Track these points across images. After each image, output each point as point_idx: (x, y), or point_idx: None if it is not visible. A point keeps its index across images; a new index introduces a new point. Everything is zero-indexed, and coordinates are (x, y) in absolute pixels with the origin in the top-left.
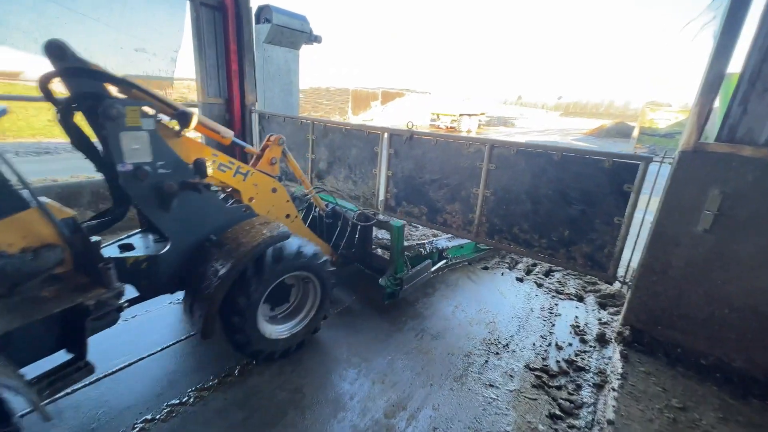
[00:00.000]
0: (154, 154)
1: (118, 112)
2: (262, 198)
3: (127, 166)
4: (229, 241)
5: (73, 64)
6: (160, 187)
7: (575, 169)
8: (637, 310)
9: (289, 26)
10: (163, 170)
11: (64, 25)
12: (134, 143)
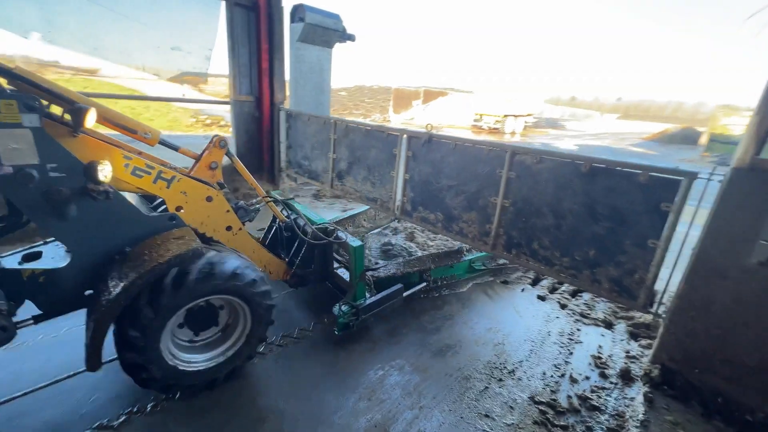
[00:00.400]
0: (41, 156)
1: None
2: (193, 208)
3: (5, 169)
4: (135, 257)
5: None
6: (49, 192)
7: (605, 183)
8: (670, 347)
9: (322, 25)
10: (56, 174)
11: (107, 25)
12: (13, 142)
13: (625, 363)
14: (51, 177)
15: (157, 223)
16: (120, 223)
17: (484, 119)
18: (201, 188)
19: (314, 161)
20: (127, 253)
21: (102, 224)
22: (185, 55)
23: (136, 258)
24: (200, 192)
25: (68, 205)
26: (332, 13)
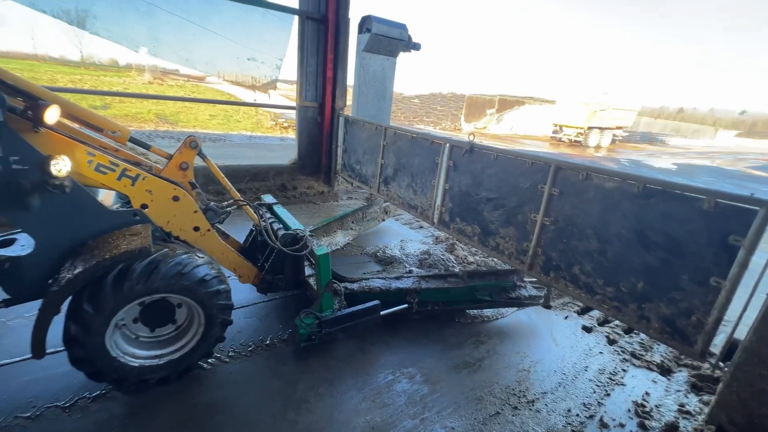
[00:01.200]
0: (4, 149)
1: None
2: (158, 206)
3: None
4: (88, 251)
5: None
6: (9, 184)
7: (661, 207)
8: (731, 408)
9: (387, 35)
10: (18, 166)
11: (199, 40)
12: None
13: (675, 417)
14: (14, 169)
15: (120, 218)
16: (81, 216)
17: (564, 131)
18: (167, 187)
19: (365, 165)
20: (90, 245)
21: (64, 216)
22: (259, 64)
23: (89, 252)
24: (166, 191)
25: (31, 196)
26: (399, 23)
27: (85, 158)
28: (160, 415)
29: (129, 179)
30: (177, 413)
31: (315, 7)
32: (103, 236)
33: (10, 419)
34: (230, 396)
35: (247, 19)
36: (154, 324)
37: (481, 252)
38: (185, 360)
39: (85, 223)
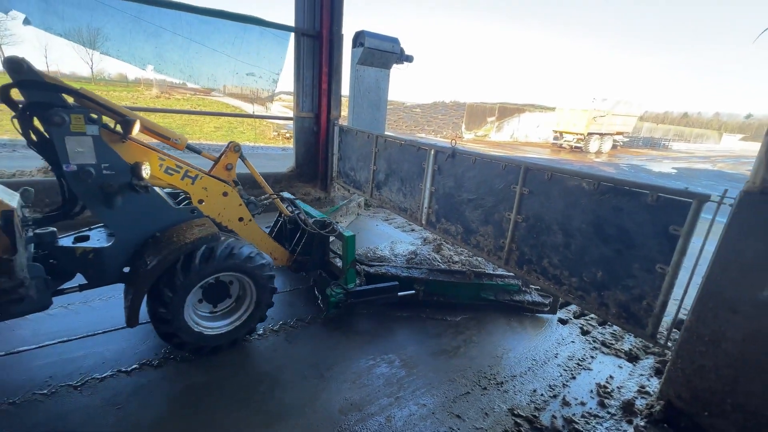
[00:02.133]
0: (98, 157)
1: (62, 119)
2: (212, 201)
3: (71, 167)
4: (165, 239)
5: (27, 77)
6: (102, 186)
7: (613, 202)
8: (677, 384)
9: (380, 48)
10: (108, 171)
11: (201, 57)
12: (78, 147)
13: (634, 397)
14: (104, 174)
15: (182, 214)
16: (154, 212)
17: (564, 137)
18: (218, 185)
19: (359, 172)
20: (158, 237)
21: (140, 213)
22: (257, 79)
23: (167, 240)
24: (218, 188)
25: (116, 196)
26: (391, 37)
27: (157, 162)
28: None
29: (190, 179)
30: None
31: (310, 25)
32: (171, 229)
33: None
34: (224, 377)
35: (245, 36)
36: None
37: (465, 250)
38: (246, 325)
39: (156, 218)
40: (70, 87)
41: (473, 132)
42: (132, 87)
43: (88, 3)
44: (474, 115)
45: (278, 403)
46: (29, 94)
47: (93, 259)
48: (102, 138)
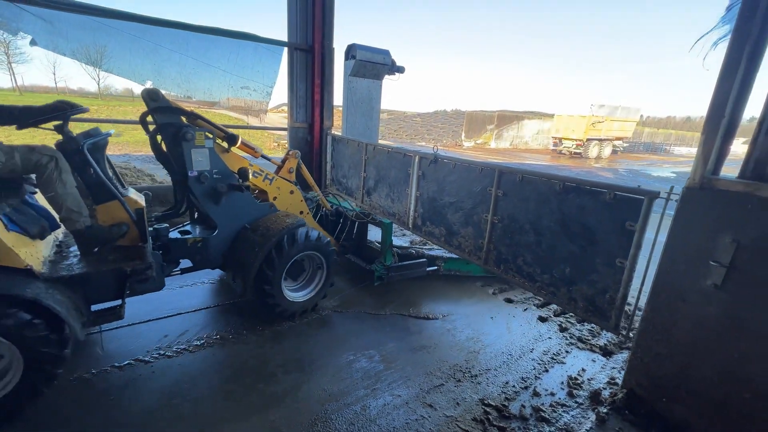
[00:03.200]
0: (211, 164)
1: (192, 135)
2: (282, 198)
3: (194, 173)
4: (261, 229)
5: (161, 104)
6: (214, 187)
7: (576, 201)
8: (638, 372)
9: (371, 60)
10: (217, 176)
11: (197, 72)
12: (199, 157)
13: (602, 387)
14: (214, 178)
15: (264, 209)
16: (247, 208)
17: (563, 143)
18: (287, 184)
19: (350, 179)
20: (248, 228)
21: (238, 208)
22: (251, 92)
23: (264, 229)
24: (287, 187)
25: (223, 195)
26: (382, 50)
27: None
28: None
29: (268, 180)
30: None
31: (303, 39)
32: (258, 221)
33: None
34: (212, 370)
35: (240, 52)
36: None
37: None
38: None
39: (247, 213)
40: (189, 111)
41: (473, 140)
42: (137, 102)
43: (90, 24)
44: (474, 123)
45: (260, 395)
46: (161, 118)
47: (201, 248)
48: (214, 150)
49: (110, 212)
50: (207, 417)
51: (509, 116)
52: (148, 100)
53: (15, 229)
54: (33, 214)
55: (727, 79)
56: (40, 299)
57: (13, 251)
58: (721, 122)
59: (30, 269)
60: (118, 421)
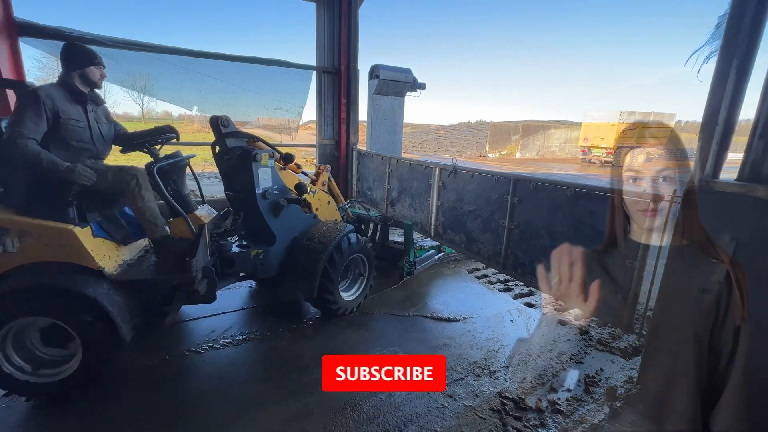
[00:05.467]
0: (272, 182)
1: (260, 157)
2: (323, 209)
3: (260, 190)
4: (317, 236)
5: (230, 130)
6: (276, 202)
7: (587, 206)
8: (651, 370)
9: (394, 79)
10: (276, 192)
11: (238, 97)
12: (264, 175)
13: (620, 385)
14: (274, 194)
15: (311, 220)
16: (299, 220)
17: (592, 152)
18: (326, 196)
19: (375, 191)
20: (299, 238)
21: (292, 220)
22: (284, 112)
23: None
24: (326, 198)
25: (281, 209)
26: (404, 68)
27: (296, 182)
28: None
29: (312, 193)
30: None
31: (330, 63)
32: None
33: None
34: (253, 359)
35: (273, 77)
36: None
37: (469, 257)
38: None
39: (299, 225)
40: (252, 135)
41: (497, 151)
42: (176, 123)
43: (146, 59)
44: (498, 134)
45: (295, 383)
46: (230, 142)
47: (263, 258)
48: (274, 168)
49: (178, 226)
50: (250, 399)
51: (535, 126)
52: (218, 126)
53: (102, 234)
54: (122, 223)
55: (717, 90)
56: (98, 299)
57: (90, 254)
58: (715, 129)
59: (101, 271)
60: (175, 401)
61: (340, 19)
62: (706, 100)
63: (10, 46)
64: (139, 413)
